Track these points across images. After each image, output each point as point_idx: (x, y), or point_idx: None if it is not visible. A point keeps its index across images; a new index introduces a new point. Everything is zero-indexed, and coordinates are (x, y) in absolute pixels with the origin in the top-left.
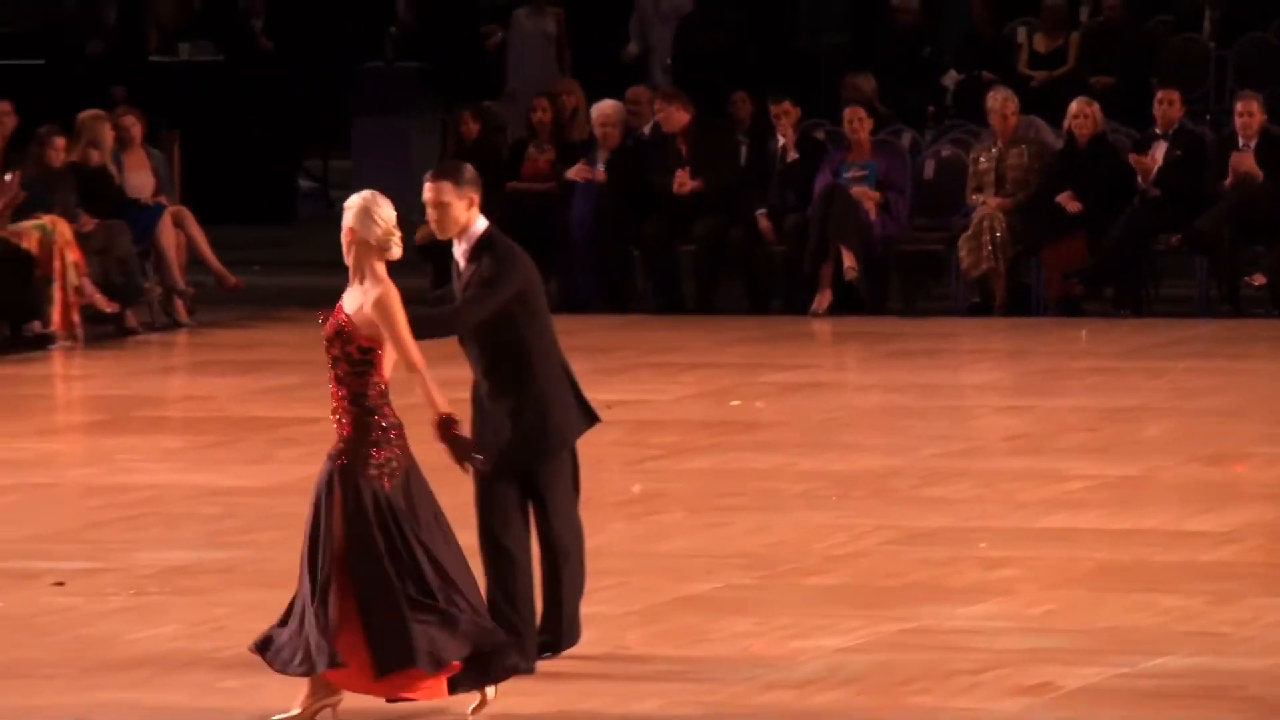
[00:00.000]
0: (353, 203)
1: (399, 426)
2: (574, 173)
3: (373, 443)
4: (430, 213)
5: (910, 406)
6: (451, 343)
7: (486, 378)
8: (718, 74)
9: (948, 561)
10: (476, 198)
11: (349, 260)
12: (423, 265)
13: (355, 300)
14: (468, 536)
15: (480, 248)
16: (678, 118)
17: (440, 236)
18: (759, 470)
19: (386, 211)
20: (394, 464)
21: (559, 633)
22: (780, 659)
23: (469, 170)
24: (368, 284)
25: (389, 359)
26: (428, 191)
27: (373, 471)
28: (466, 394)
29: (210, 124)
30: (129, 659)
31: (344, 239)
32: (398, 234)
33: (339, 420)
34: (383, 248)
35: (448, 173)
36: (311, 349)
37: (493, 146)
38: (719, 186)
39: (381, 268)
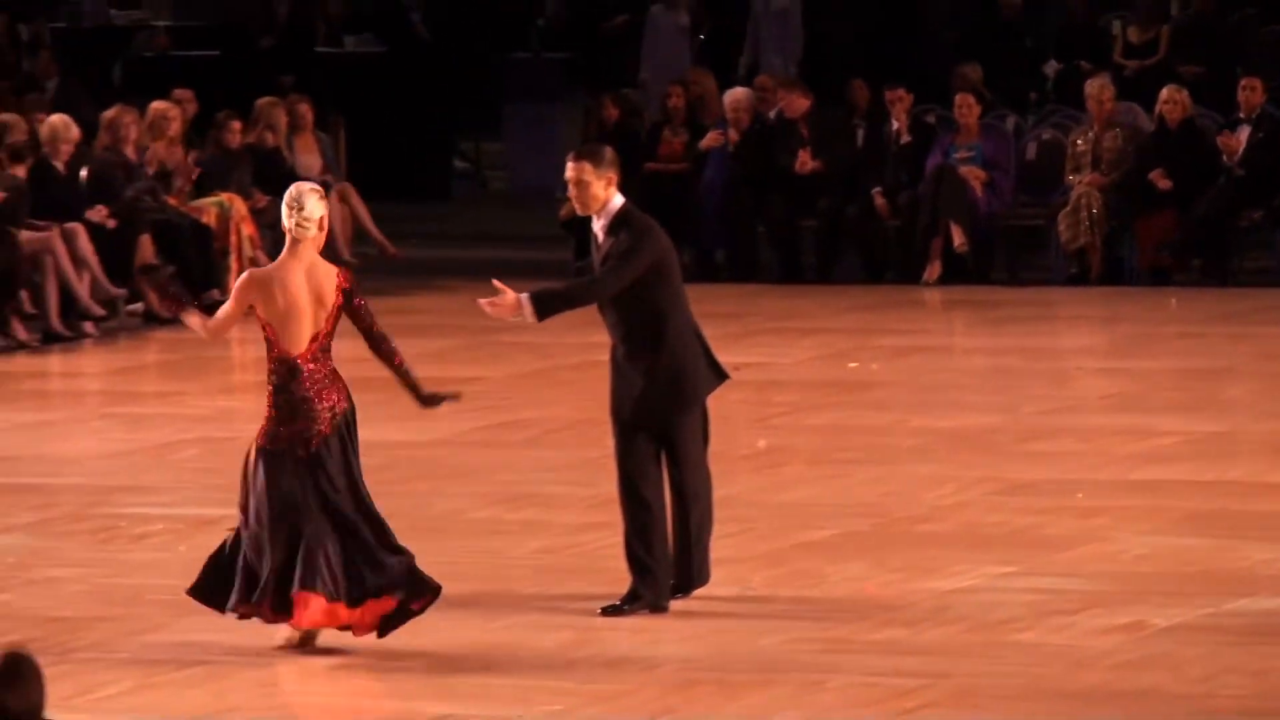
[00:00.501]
0: (289, 194)
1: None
2: (707, 141)
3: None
4: (571, 190)
5: (1013, 368)
6: (590, 312)
7: (624, 342)
8: (838, 63)
9: (1047, 510)
10: (614, 177)
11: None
12: (567, 239)
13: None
14: (609, 486)
15: (617, 222)
16: (799, 104)
17: (580, 213)
18: (874, 426)
19: (315, 205)
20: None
21: (689, 574)
22: (893, 599)
23: (608, 152)
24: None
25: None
26: (570, 171)
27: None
28: (601, 357)
29: (373, 110)
30: None
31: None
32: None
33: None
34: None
35: (588, 154)
36: (464, 315)
37: (631, 130)
38: (838, 167)
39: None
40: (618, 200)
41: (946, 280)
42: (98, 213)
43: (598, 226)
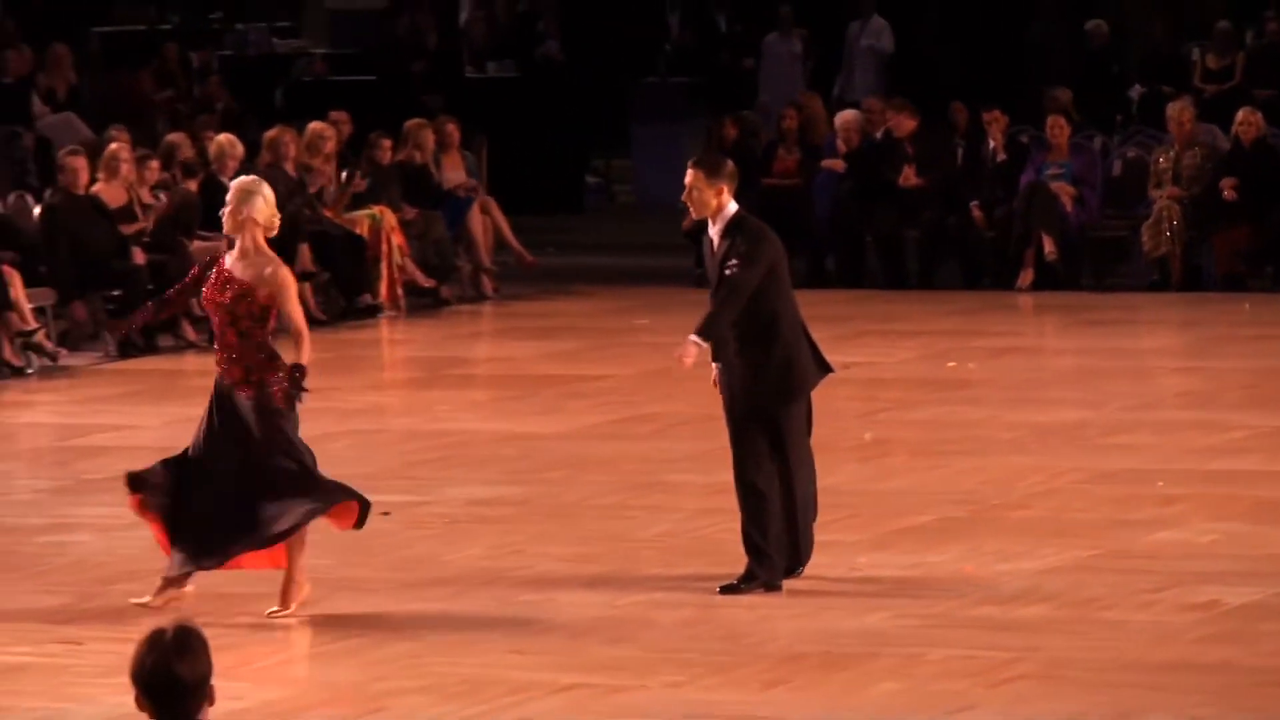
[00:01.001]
0: (233, 188)
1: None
2: (827, 164)
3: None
4: (686, 194)
5: (1099, 367)
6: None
7: (738, 338)
8: (940, 87)
9: (1130, 498)
10: (727, 187)
11: (239, 234)
12: (688, 248)
13: (246, 268)
14: (726, 475)
15: (732, 227)
16: (906, 124)
17: (695, 215)
18: (971, 421)
19: (269, 194)
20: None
21: (798, 554)
22: (988, 579)
23: (724, 164)
24: (259, 257)
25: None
26: (687, 177)
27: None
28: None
29: (513, 129)
30: (442, 576)
31: (232, 218)
32: (277, 214)
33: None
34: (268, 226)
35: (703, 164)
36: (598, 317)
37: (748, 149)
38: (939, 182)
39: (263, 241)
40: (732, 207)
41: (1038, 286)
42: None
43: (714, 231)
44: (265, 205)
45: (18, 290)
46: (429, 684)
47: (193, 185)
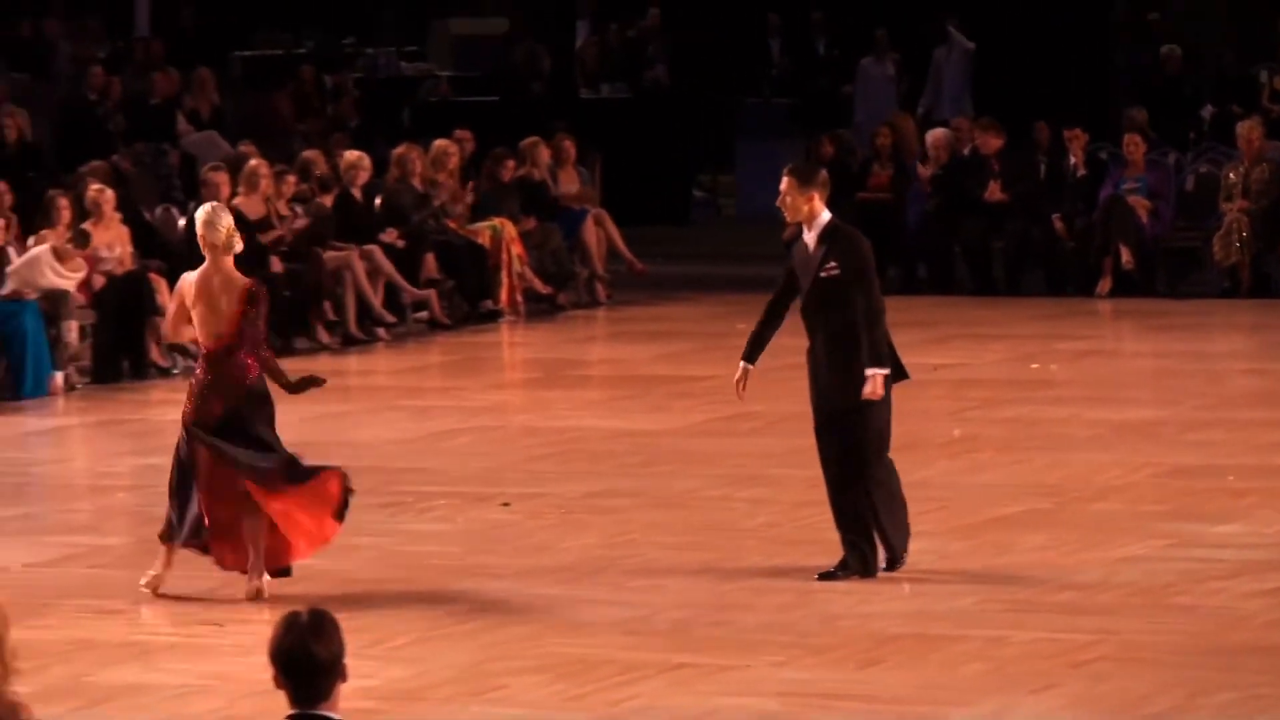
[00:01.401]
0: (200, 214)
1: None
2: (920, 171)
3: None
4: (780, 199)
5: (1173, 369)
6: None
7: (828, 340)
8: (1023, 107)
9: (1202, 491)
10: (818, 195)
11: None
12: (787, 257)
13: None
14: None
15: (827, 234)
16: (993, 142)
17: (788, 220)
18: (1053, 419)
19: (226, 219)
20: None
21: (891, 546)
22: (1069, 566)
23: (816, 173)
24: (224, 276)
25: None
26: (781, 184)
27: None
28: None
29: (625, 147)
30: (559, 564)
31: (199, 240)
32: (237, 235)
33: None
34: (227, 246)
35: (797, 172)
36: (703, 322)
37: (844, 165)
38: (1023, 195)
39: (229, 261)
40: (825, 215)
41: (1116, 293)
42: (389, 235)
43: (808, 236)
44: (224, 230)
45: (165, 296)
46: (545, 664)
47: (326, 200)
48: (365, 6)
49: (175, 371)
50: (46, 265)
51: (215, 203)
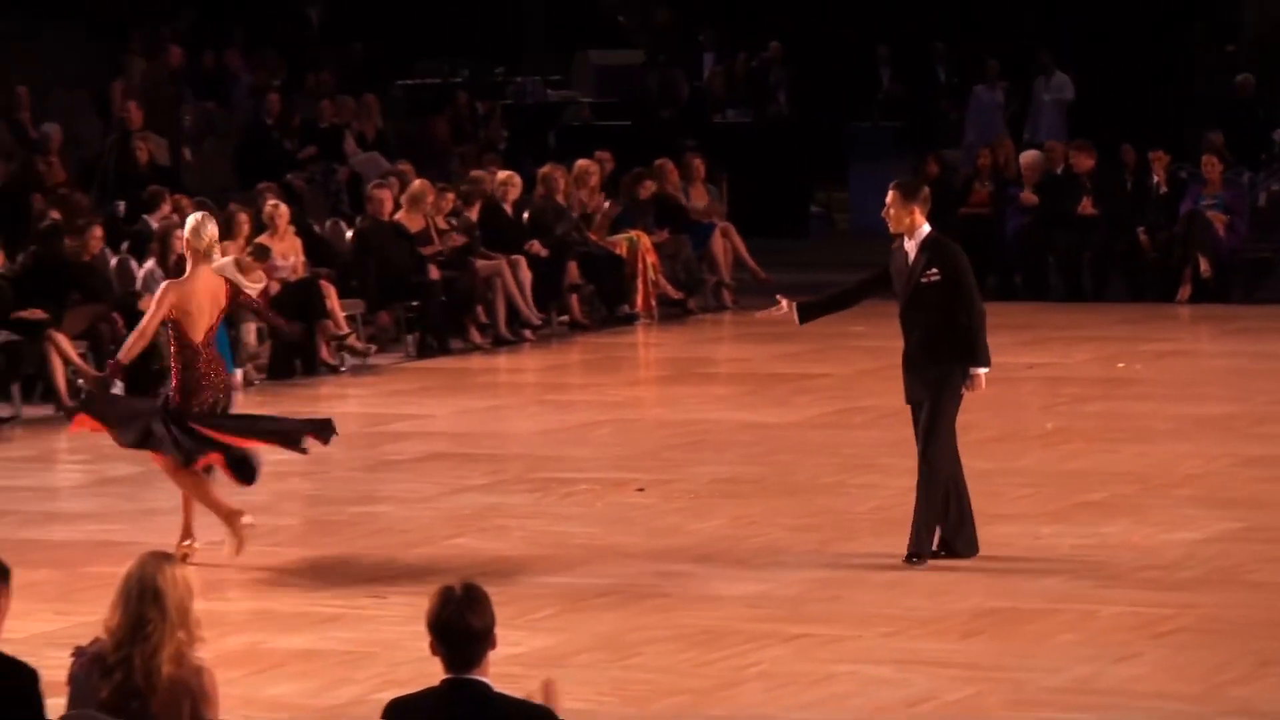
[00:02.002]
0: (189, 221)
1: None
2: (1025, 196)
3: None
4: (885, 210)
5: (1246, 368)
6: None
7: (922, 340)
8: (1112, 131)
9: (1274, 479)
10: (919, 209)
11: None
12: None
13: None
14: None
15: (926, 245)
16: (1085, 161)
17: (891, 230)
18: (1137, 413)
19: (210, 228)
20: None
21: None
22: (1152, 548)
23: (919, 188)
24: (206, 280)
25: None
26: (887, 197)
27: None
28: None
29: (749, 166)
30: (689, 543)
31: (184, 246)
32: (218, 244)
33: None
34: (207, 253)
35: (901, 186)
36: (820, 325)
37: (948, 182)
38: (1111, 211)
39: (205, 267)
40: (925, 228)
41: (1195, 300)
42: (535, 246)
43: (909, 245)
44: (208, 239)
45: (333, 301)
46: (677, 634)
47: (473, 214)
48: (515, 39)
49: (343, 370)
50: (229, 275)
51: (203, 213)
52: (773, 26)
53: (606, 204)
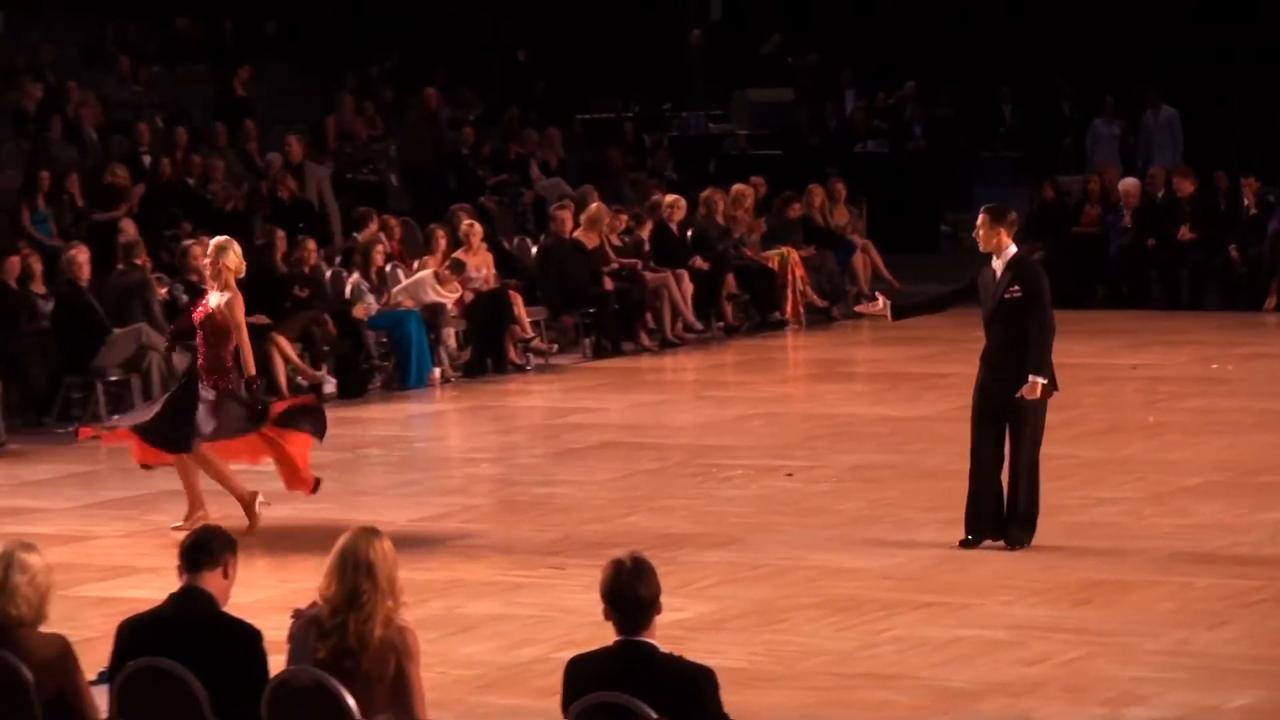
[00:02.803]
0: (218, 241)
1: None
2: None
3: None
4: (975, 230)
5: None
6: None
7: (999, 349)
8: (1210, 159)
9: None
10: (1006, 231)
11: (212, 274)
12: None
13: (216, 299)
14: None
15: (1012, 264)
16: (1187, 186)
17: (981, 249)
18: (1228, 408)
19: (237, 249)
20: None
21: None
22: (1241, 527)
23: (1007, 213)
24: (226, 291)
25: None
26: (978, 219)
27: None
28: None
29: (886, 190)
30: (832, 522)
31: (210, 263)
32: (244, 263)
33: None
34: (236, 271)
35: (991, 211)
36: (946, 330)
37: (1061, 205)
38: (1207, 232)
39: (232, 280)
40: (1012, 249)
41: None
42: (697, 260)
43: (997, 264)
44: (235, 257)
45: (520, 308)
46: (821, 601)
47: (645, 233)
48: (680, 78)
49: (529, 368)
50: (429, 286)
51: (227, 236)
52: (908, 67)
53: (759, 222)
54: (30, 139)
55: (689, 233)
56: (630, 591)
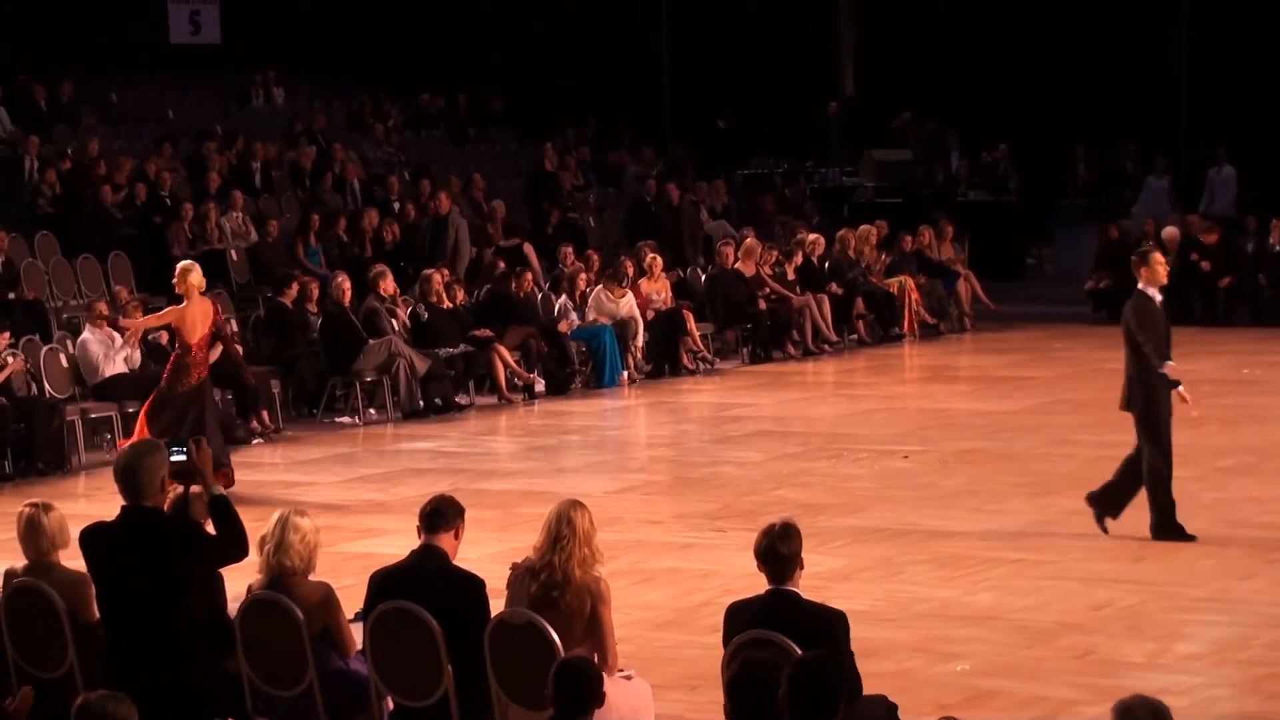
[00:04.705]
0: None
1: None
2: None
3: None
4: (1164, 263)
5: None
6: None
7: (1131, 367)
8: (1269, 207)
9: None
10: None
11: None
12: (1087, 302)
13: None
14: (1111, 436)
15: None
16: (1210, 238)
17: (1163, 282)
18: (1256, 404)
19: (195, 275)
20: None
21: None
22: (1267, 499)
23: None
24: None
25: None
26: (1162, 260)
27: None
28: (1110, 367)
29: (984, 230)
30: (940, 494)
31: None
32: (204, 281)
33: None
34: (200, 287)
35: (1162, 248)
36: (1032, 341)
37: (1124, 245)
38: (1225, 266)
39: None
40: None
41: None
42: (833, 286)
43: (1156, 294)
44: (198, 277)
45: (692, 324)
46: (930, 557)
47: (790, 269)
48: (820, 140)
49: (698, 372)
50: (603, 298)
51: (190, 262)
52: (1002, 132)
53: (879, 255)
54: (305, 189)
55: (827, 264)
56: (775, 549)
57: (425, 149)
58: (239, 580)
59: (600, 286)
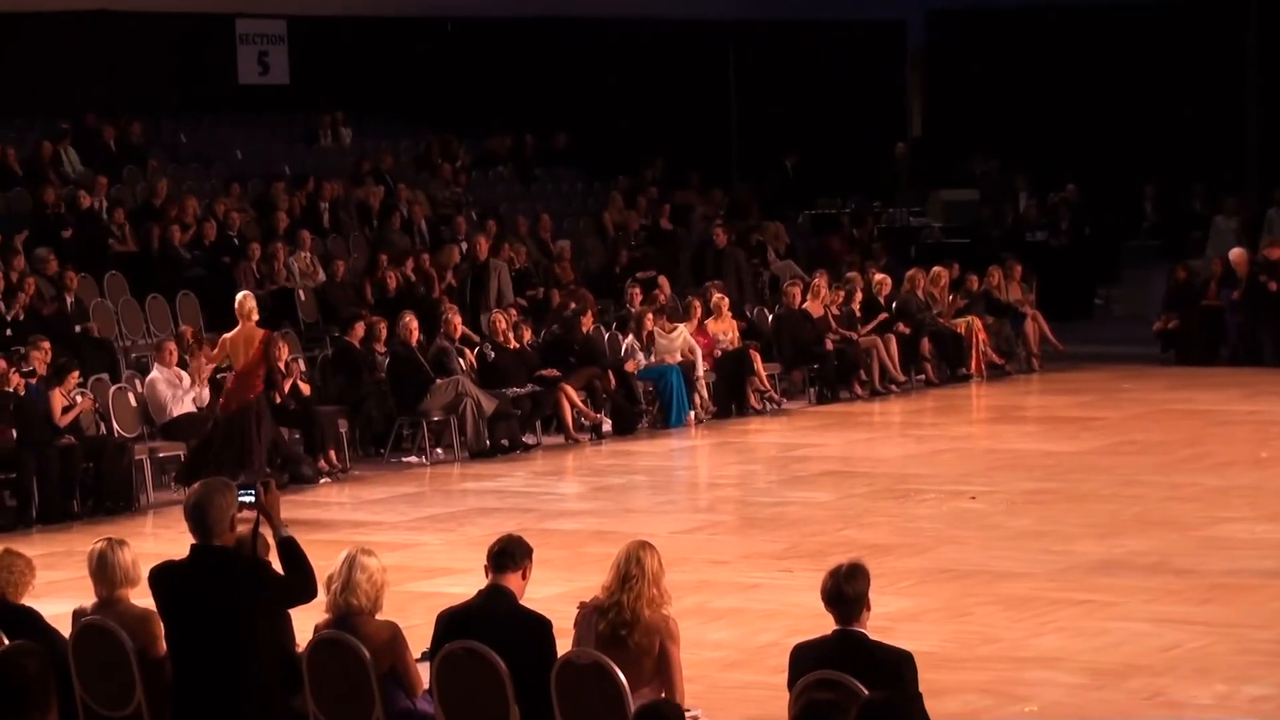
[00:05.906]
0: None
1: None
2: (1237, 295)
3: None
4: None
5: None
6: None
7: None
8: None
9: None
10: None
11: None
12: (1154, 342)
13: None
14: (1178, 477)
15: None
16: (1276, 253)
17: None
18: None
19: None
20: None
21: None
22: None
23: None
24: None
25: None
26: None
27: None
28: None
29: (1051, 271)
30: (1007, 536)
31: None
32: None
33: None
34: (249, 315)
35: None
36: (1100, 381)
37: (1192, 285)
38: None
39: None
40: None
41: None
42: (900, 326)
43: None
44: (245, 304)
45: (758, 364)
46: (998, 599)
47: (854, 304)
48: (888, 180)
49: (765, 411)
50: (658, 336)
51: (247, 292)
52: (1070, 173)
53: (951, 297)
54: (373, 229)
55: (894, 304)
56: (840, 590)
57: (492, 189)
58: (307, 619)
59: (652, 328)
